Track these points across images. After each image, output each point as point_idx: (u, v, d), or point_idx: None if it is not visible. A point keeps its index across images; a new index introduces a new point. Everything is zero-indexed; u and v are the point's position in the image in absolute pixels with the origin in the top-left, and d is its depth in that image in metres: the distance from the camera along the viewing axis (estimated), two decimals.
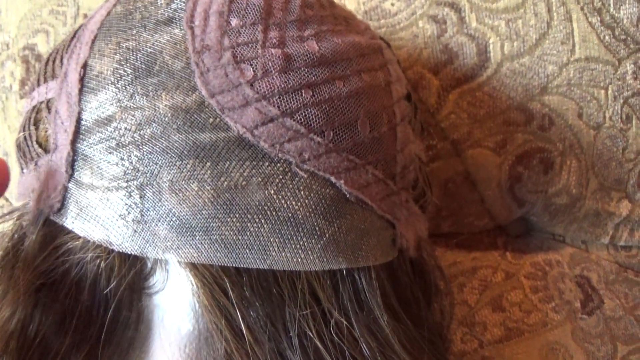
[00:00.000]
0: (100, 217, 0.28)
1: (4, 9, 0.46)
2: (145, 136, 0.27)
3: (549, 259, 0.48)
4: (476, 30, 0.45)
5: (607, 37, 0.46)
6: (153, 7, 0.30)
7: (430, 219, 0.36)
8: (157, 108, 0.27)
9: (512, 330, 0.46)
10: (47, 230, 0.29)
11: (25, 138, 0.31)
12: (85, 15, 0.46)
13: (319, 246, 0.28)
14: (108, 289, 0.28)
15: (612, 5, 0.46)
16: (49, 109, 0.31)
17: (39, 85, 0.32)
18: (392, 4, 0.45)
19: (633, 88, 0.46)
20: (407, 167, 0.32)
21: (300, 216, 0.27)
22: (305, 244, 0.27)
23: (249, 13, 0.29)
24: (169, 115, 0.27)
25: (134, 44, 0.29)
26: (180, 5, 0.29)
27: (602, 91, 0.46)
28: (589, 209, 0.48)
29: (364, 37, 0.33)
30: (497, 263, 0.47)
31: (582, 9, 0.45)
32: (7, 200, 0.48)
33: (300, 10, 0.30)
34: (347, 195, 0.29)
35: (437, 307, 0.36)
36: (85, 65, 0.30)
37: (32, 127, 0.31)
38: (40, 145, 0.31)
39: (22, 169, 0.32)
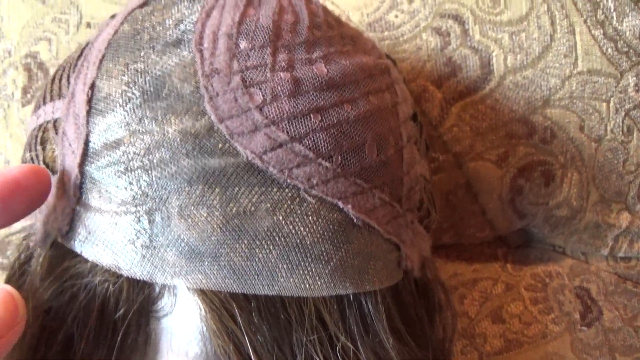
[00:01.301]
0: (109, 241, 0.28)
1: (6, 15, 0.46)
2: (154, 161, 0.27)
3: (549, 271, 0.48)
4: (480, 43, 0.45)
5: (609, 50, 0.46)
6: (161, 28, 0.30)
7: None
8: (166, 132, 0.27)
9: (511, 341, 0.46)
10: (55, 252, 0.29)
11: (32, 158, 0.31)
12: (89, 24, 0.45)
13: (327, 271, 0.28)
14: (117, 314, 0.28)
15: (615, 18, 0.46)
16: (56, 129, 0.30)
17: (44, 103, 0.32)
18: (396, 16, 0.45)
19: (635, 100, 0.47)
20: (413, 188, 0.32)
21: (308, 242, 0.27)
22: (313, 269, 0.28)
23: (258, 35, 0.29)
24: (178, 140, 0.27)
25: (143, 66, 0.29)
26: (189, 26, 0.29)
27: (604, 104, 0.46)
28: (589, 220, 0.48)
29: (371, 57, 0.33)
30: (498, 274, 0.48)
31: (585, 21, 0.46)
32: None
33: (308, 32, 0.30)
34: (355, 220, 0.29)
35: (440, 324, 0.37)
36: (93, 86, 0.29)
37: (39, 147, 0.31)
38: (47, 166, 0.30)
39: None
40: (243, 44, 0.29)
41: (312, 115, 0.28)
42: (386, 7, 0.45)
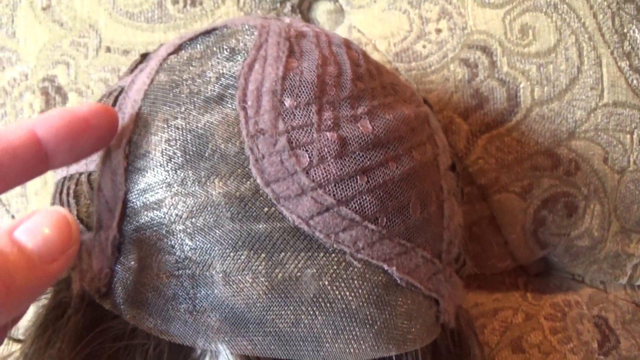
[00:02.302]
0: (150, 304, 0.27)
1: (23, 38, 0.45)
2: (198, 224, 0.27)
3: (568, 300, 0.49)
4: (507, 75, 0.44)
5: (634, 82, 0.46)
6: (201, 81, 0.29)
7: None
8: (210, 195, 0.27)
9: None
10: (93, 313, 0.29)
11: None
12: (108, 48, 0.44)
13: (371, 335, 0.27)
14: None
15: None
16: (90, 183, 0.30)
17: None
18: (424, 46, 0.44)
19: None
20: (452, 242, 0.32)
21: (353, 306, 0.27)
22: (358, 333, 0.27)
23: (303, 92, 0.28)
24: (223, 203, 0.26)
25: (184, 123, 0.28)
26: (231, 81, 0.28)
27: (628, 135, 0.46)
28: (609, 250, 0.48)
29: (411, 106, 0.32)
30: (518, 304, 0.48)
31: (612, 53, 0.45)
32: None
33: (352, 85, 0.30)
34: (398, 281, 0.28)
35: None
36: (130, 142, 0.29)
37: (72, 200, 0.30)
38: (82, 222, 0.30)
39: None
40: (288, 102, 0.28)
41: (358, 177, 0.27)
42: (414, 37, 0.44)
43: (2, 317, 0.21)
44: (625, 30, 0.45)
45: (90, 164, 0.30)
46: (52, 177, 0.39)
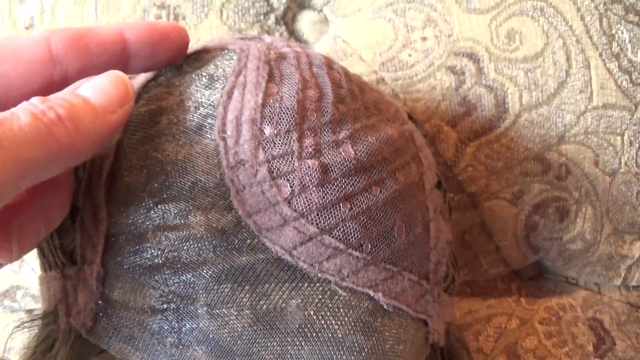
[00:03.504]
0: (136, 338, 0.27)
1: None
2: (180, 259, 0.26)
3: (562, 303, 0.48)
4: (495, 81, 0.44)
5: (624, 83, 0.45)
6: (180, 111, 0.28)
7: None
8: (191, 229, 0.26)
9: None
10: (80, 347, 0.29)
11: (47, 243, 0.30)
12: None
13: None
14: None
15: (629, 50, 0.45)
16: (72, 216, 0.29)
17: None
18: (410, 55, 0.44)
19: None
20: (439, 262, 0.31)
21: (340, 335, 0.27)
22: None
23: (283, 119, 0.28)
24: (205, 236, 0.26)
25: (163, 156, 0.27)
26: (210, 110, 0.28)
27: (619, 137, 0.46)
28: (603, 253, 0.48)
29: (396, 124, 0.32)
30: (512, 309, 0.48)
31: (600, 55, 0.45)
32: None
33: (333, 109, 0.29)
34: (385, 306, 0.28)
35: None
36: (110, 175, 0.28)
37: (55, 233, 0.30)
38: (65, 255, 0.30)
39: (44, 270, 0.31)
40: (268, 130, 0.28)
41: (341, 204, 0.27)
42: (399, 46, 0.44)
43: (72, 157, 0.23)
44: (613, 32, 0.45)
45: (73, 195, 0.30)
46: None
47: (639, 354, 0.49)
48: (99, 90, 0.25)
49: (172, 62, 0.30)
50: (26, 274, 0.47)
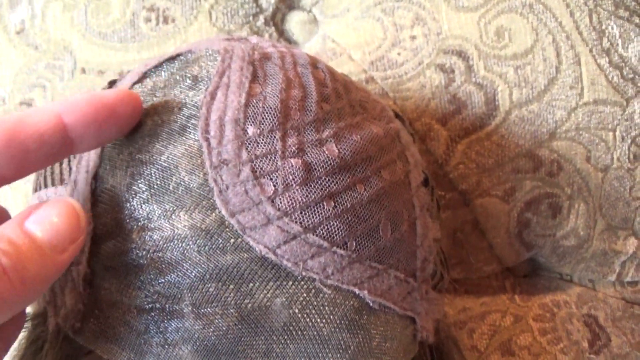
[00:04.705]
0: (123, 338, 0.27)
1: None
2: (165, 259, 0.26)
3: (556, 300, 0.48)
4: (484, 79, 0.44)
5: (615, 78, 0.45)
6: (164, 112, 0.29)
7: None
8: (176, 229, 0.26)
9: None
10: (69, 348, 0.29)
11: None
12: (84, 70, 0.44)
13: None
14: None
15: (620, 45, 0.45)
16: None
17: (46, 186, 0.31)
18: (399, 54, 0.44)
19: None
20: (427, 259, 0.31)
21: (325, 333, 0.27)
22: None
23: (266, 119, 0.28)
24: (189, 236, 0.26)
25: (147, 157, 0.28)
26: (193, 111, 0.28)
27: (611, 133, 0.46)
28: (597, 249, 0.48)
29: (381, 123, 0.32)
30: (506, 307, 0.48)
31: (590, 50, 0.45)
32: None
33: (317, 108, 0.29)
34: (371, 304, 0.28)
35: None
36: (96, 176, 0.28)
37: None
38: None
39: None
40: (251, 130, 0.28)
41: (325, 203, 0.27)
42: (388, 45, 0.44)
43: (17, 307, 0.22)
44: (603, 27, 0.45)
45: (59, 197, 0.30)
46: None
47: (635, 350, 0.49)
48: (48, 225, 0.23)
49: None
50: None
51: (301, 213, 0.27)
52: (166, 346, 0.27)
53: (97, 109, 0.25)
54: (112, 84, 0.34)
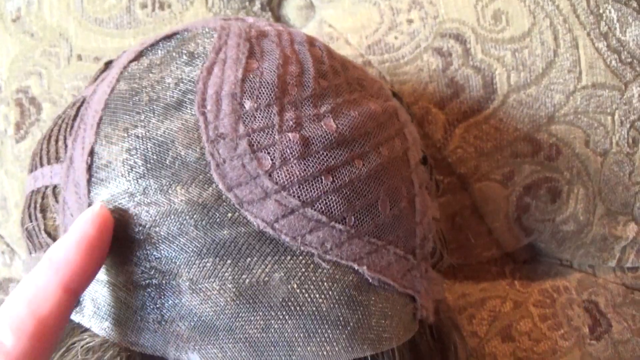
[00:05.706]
0: (118, 315, 0.27)
1: None
2: (162, 234, 0.26)
3: (556, 286, 0.48)
4: (482, 62, 0.44)
5: (613, 62, 0.45)
6: (160, 88, 0.28)
7: None
8: (172, 203, 0.26)
9: (522, 359, 0.46)
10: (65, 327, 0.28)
11: (33, 228, 0.30)
12: (80, 57, 0.44)
13: (344, 336, 0.27)
14: None
15: (618, 29, 0.45)
16: (55, 196, 0.29)
17: (42, 165, 0.31)
18: (396, 38, 0.43)
19: (639, 111, 0.46)
20: (426, 237, 0.31)
21: (324, 308, 0.27)
22: (330, 336, 0.27)
23: (263, 93, 0.28)
24: (186, 210, 0.26)
25: (144, 132, 0.27)
26: (190, 86, 0.28)
27: (609, 117, 0.46)
28: (596, 234, 0.48)
29: (379, 101, 0.32)
30: (506, 292, 0.47)
31: (588, 34, 0.45)
32: (7, 245, 0.47)
33: (314, 83, 0.29)
34: (370, 280, 0.28)
35: None
36: (92, 153, 0.28)
37: (39, 215, 0.30)
38: (49, 235, 0.29)
39: (30, 252, 0.31)
40: (248, 104, 0.27)
41: (323, 177, 0.27)
42: (385, 29, 0.43)
43: None
44: (600, 11, 0.45)
45: (55, 176, 0.30)
46: None
47: (636, 336, 0.49)
48: None
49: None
50: (18, 266, 0.47)
51: (299, 187, 0.27)
52: (163, 322, 0.26)
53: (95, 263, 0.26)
54: (107, 65, 0.34)
